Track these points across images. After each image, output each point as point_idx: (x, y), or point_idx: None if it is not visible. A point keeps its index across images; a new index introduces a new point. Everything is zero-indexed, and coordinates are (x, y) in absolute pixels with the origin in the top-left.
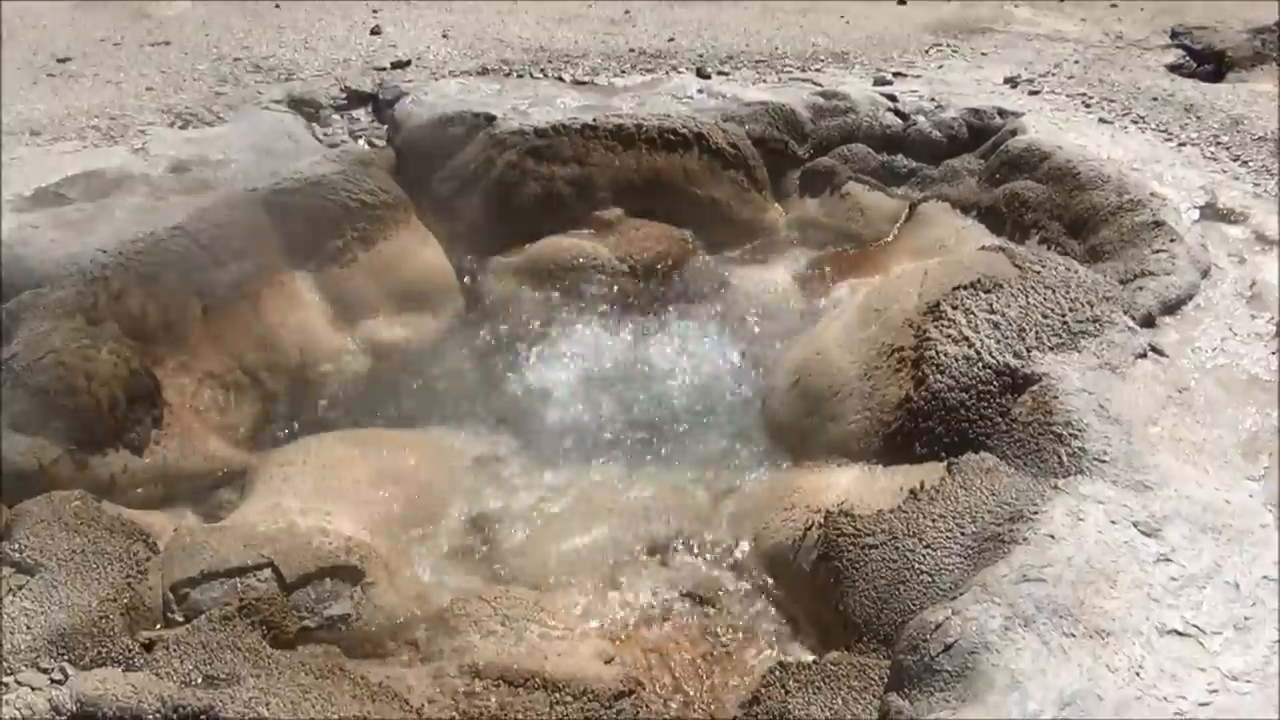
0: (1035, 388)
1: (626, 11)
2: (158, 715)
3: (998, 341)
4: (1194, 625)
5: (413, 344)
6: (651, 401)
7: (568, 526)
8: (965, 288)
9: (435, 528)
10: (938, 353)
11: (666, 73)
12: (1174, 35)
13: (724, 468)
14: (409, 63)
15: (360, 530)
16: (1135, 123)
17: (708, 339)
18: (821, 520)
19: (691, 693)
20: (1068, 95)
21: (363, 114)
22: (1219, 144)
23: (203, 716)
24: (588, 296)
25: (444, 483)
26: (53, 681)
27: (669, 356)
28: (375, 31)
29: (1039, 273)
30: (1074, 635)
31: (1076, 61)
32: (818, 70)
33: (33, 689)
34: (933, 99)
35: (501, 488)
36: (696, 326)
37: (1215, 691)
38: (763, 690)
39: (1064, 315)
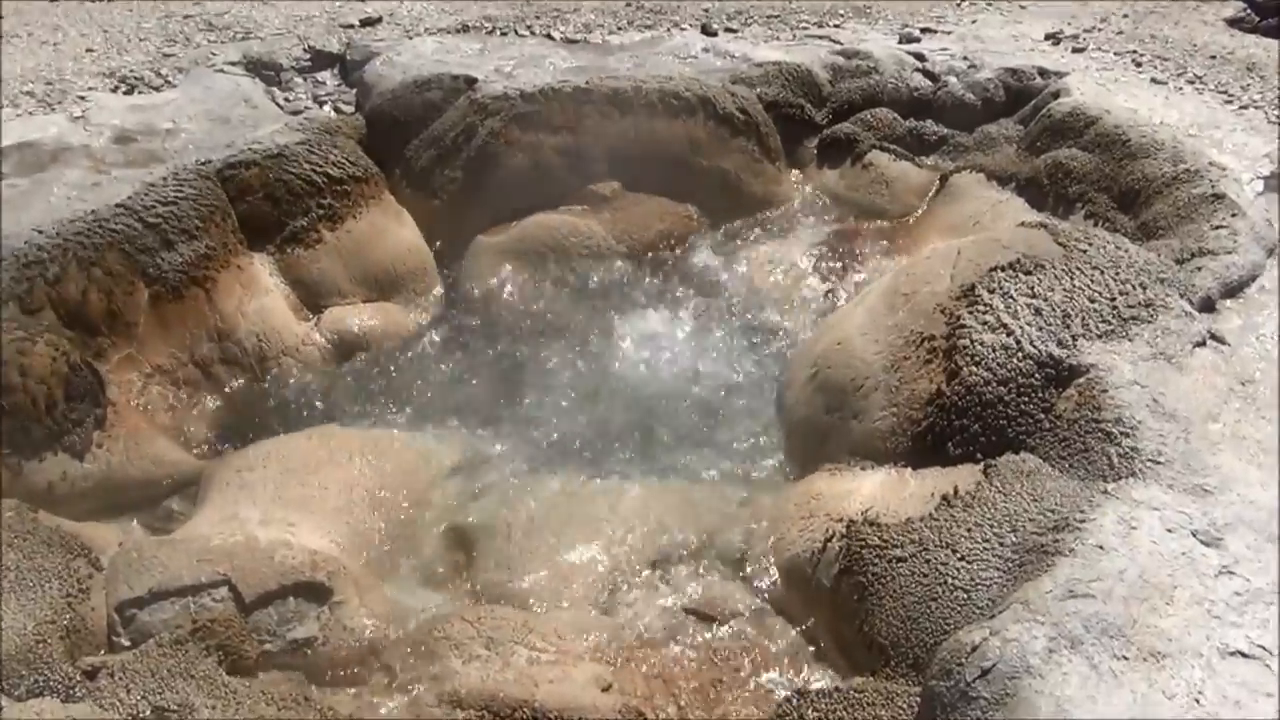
0: (1082, 380)
1: None
2: None
3: (1040, 329)
4: (1259, 646)
5: (386, 334)
6: (653, 399)
7: (560, 539)
8: (1003, 269)
9: (412, 540)
10: (973, 342)
11: (668, 29)
12: None
13: (734, 472)
14: (380, 19)
15: (327, 543)
16: (1191, 83)
17: (715, 326)
18: (844, 530)
19: None
20: (1116, 53)
21: (328, 77)
22: None
23: None
24: (581, 280)
25: (422, 490)
26: None
27: (671, 347)
28: None
29: (1085, 252)
30: (1126, 658)
31: (1126, 15)
32: (837, 26)
33: None
34: (965, 58)
35: (486, 496)
36: (702, 313)
37: None
38: None
39: (1113, 299)
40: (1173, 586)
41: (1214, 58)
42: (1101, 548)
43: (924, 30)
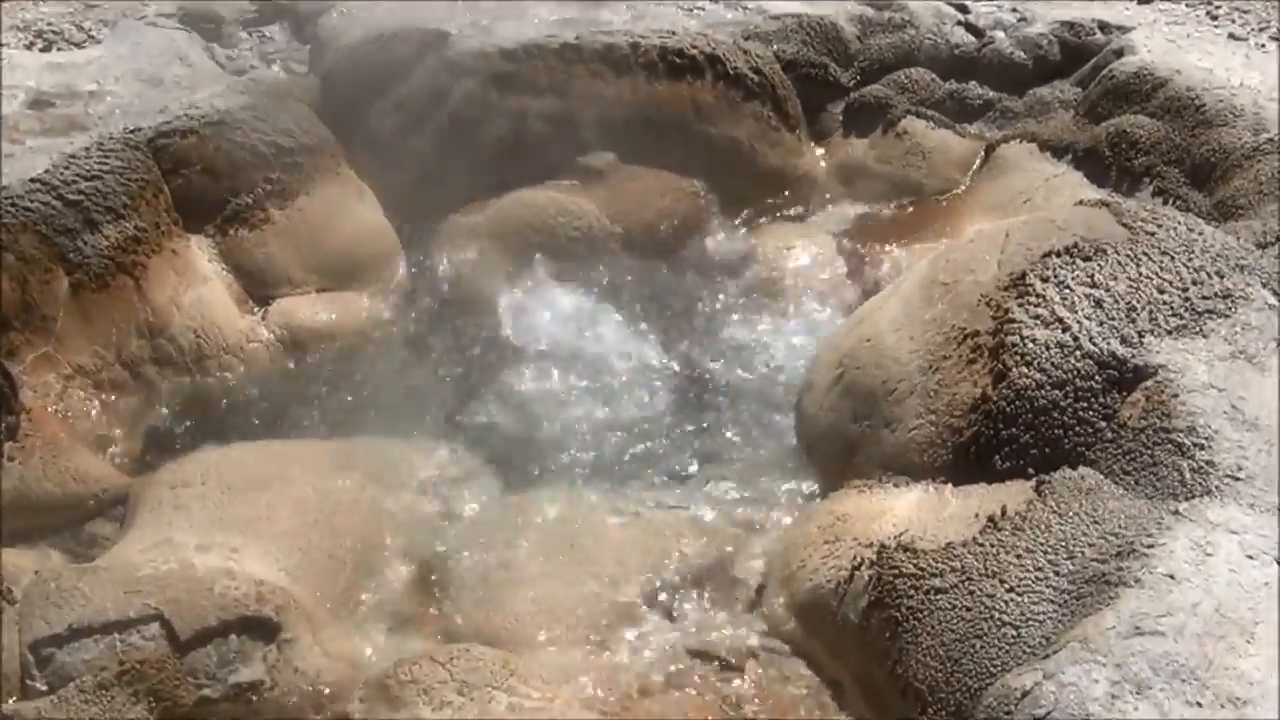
0: (1149, 384)
1: None
2: None
3: (1101, 324)
4: None
5: (344, 329)
6: (653, 405)
7: (546, 567)
8: (1058, 254)
9: (374, 568)
10: (1023, 339)
11: None
12: None
13: (746, 490)
14: None
15: (276, 572)
16: (1276, 39)
17: (724, 321)
18: (874, 557)
19: None
20: (1188, 4)
21: (277, 31)
22: None
23: None
24: (570, 266)
25: (385, 510)
26: None
27: (674, 345)
28: None
29: (1153, 234)
30: (1200, 704)
31: None
32: None
33: None
34: (1014, 10)
35: (461, 517)
36: (710, 304)
37: None
38: None
39: (1185, 290)
40: (1254, 622)
41: None
42: (1172, 577)
43: None
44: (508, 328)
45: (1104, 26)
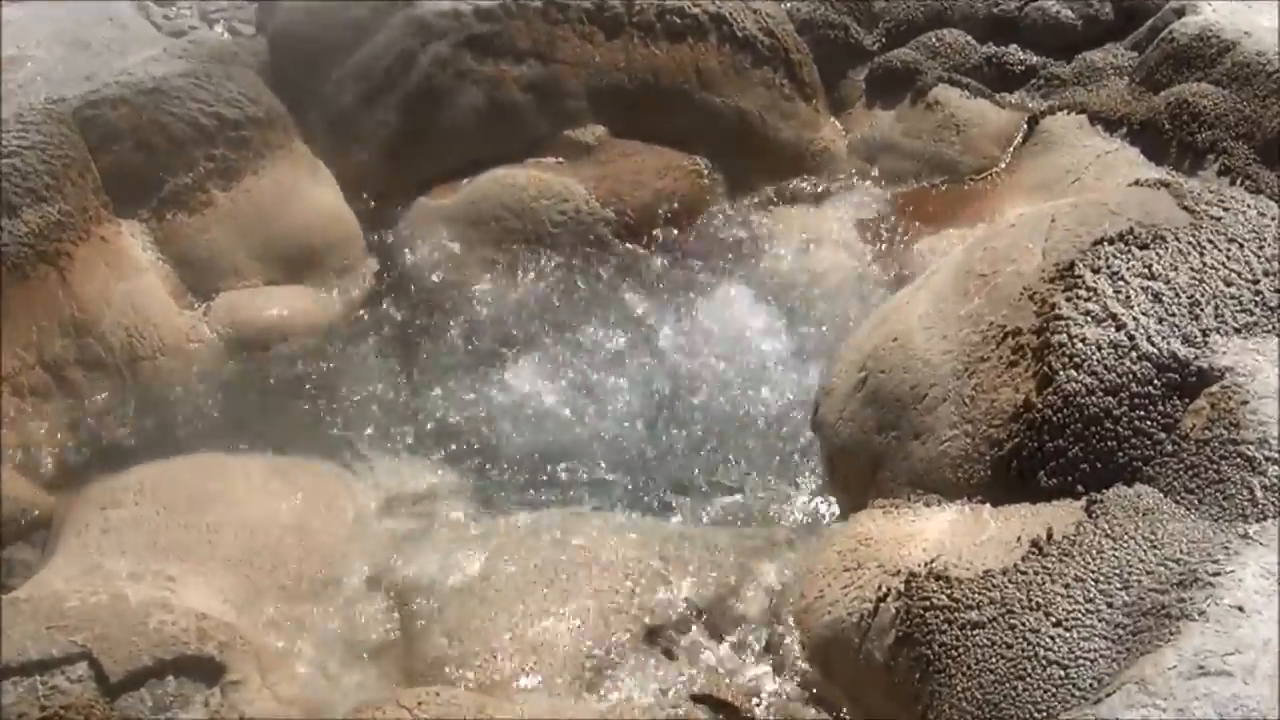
0: (1215, 389)
1: None
2: None
3: (1160, 321)
4: None
5: (297, 327)
6: (649, 413)
7: (528, 597)
8: (1111, 242)
9: (332, 600)
10: (1071, 338)
11: None
12: None
13: (756, 510)
14: None
15: (219, 604)
16: None
17: (730, 317)
18: (901, 587)
19: None
20: None
21: None
22: None
23: None
24: (555, 255)
25: (344, 533)
26: None
27: (674, 345)
28: None
29: (1219, 219)
30: None
31: None
32: None
33: None
34: None
35: (430, 540)
36: (714, 299)
37: None
38: None
39: (1256, 282)
40: None
41: None
42: (1241, 609)
43: None
44: (484, 326)
45: None
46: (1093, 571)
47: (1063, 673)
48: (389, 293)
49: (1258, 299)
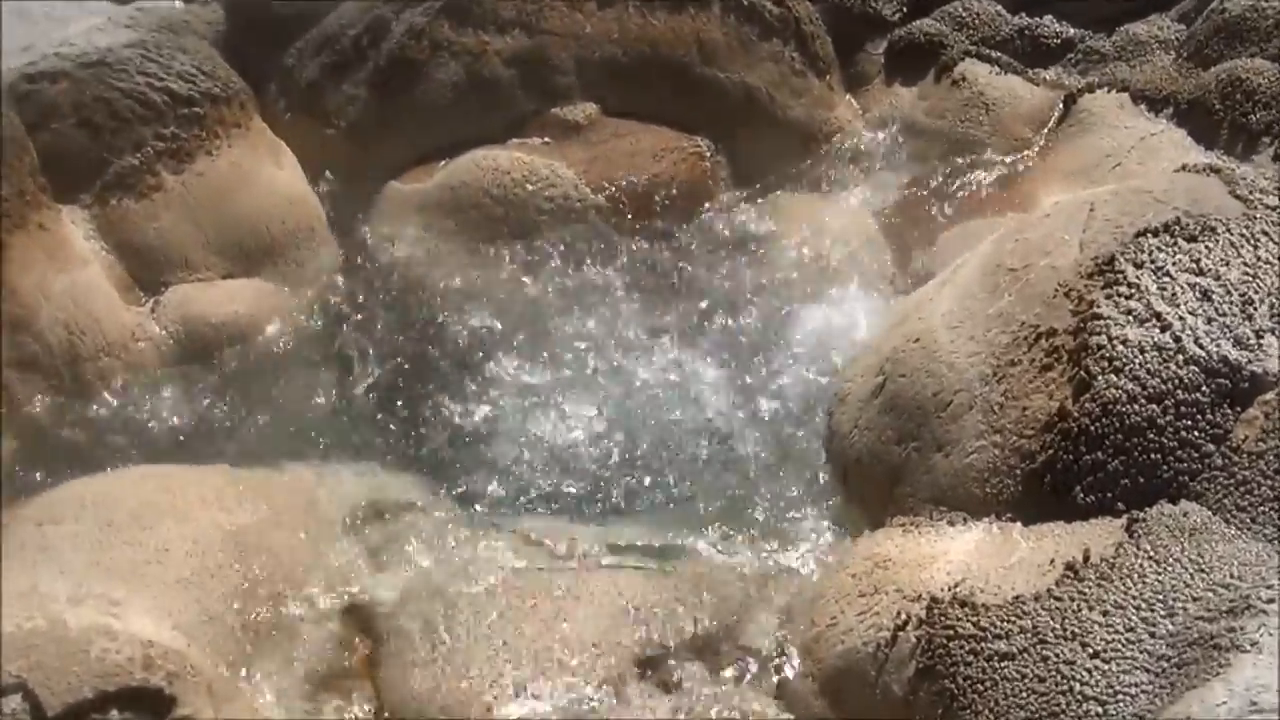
0: (1270, 396)
1: None
2: None
3: (1209, 321)
4: None
5: (256, 324)
6: (644, 423)
7: (508, 625)
8: (1156, 233)
9: (292, 627)
10: (1111, 339)
11: None
12: None
13: (762, 529)
14: None
15: (168, 630)
16: None
17: (736, 317)
18: (922, 613)
19: None
20: None
21: None
22: None
23: None
24: (540, 246)
25: (307, 551)
26: None
27: (672, 349)
28: None
29: (1275, 208)
30: None
31: None
32: None
33: None
34: None
35: (399, 561)
36: (717, 297)
37: None
38: None
39: None
40: None
41: None
42: None
43: None
44: (461, 326)
45: None
46: (1134, 598)
47: (1100, 709)
48: (357, 287)
49: None
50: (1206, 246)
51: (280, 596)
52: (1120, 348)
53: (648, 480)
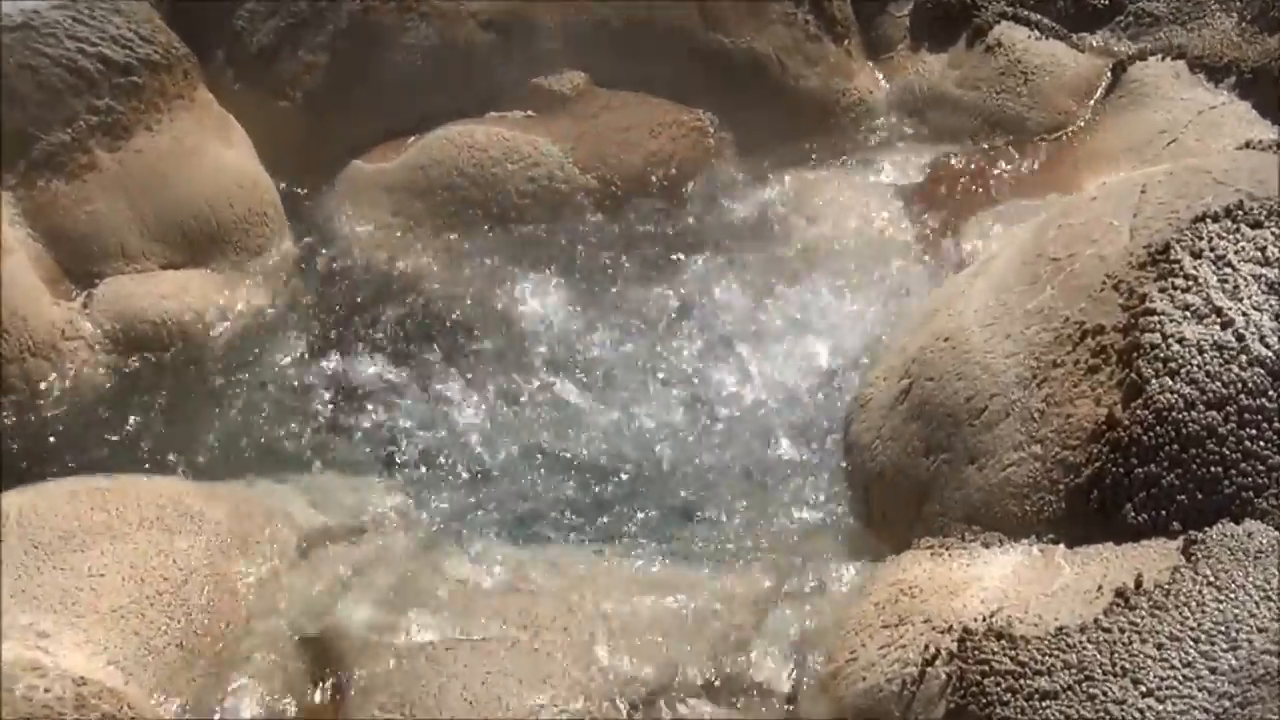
0: None
1: None
2: None
3: (1276, 317)
4: None
5: (201, 321)
6: (638, 430)
7: (493, 660)
8: (1216, 218)
9: (246, 660)
10: (1166, 338)
11: None
12: None
13: (774, 552)
14: None
15: (103, 666)
16: None
17: (742, 315)
18: (954, 647)
19: None
20: None
21: None
22: None
23: None
24: (522, 233)
25: (261, 575)
26: None
27: (673, 349)
28: None
29: None
30: None
31: None
32: None
33: None
34: None
35: (367, 585)
36: (721, 292)
37: None
38: None
39: None
40: None
41: None
42: None
43: None
44: (434, 324)
45: None
46: (1192, 629)
47: None
48: (315, 279)
49: None
50: (1273, 233)
51: (231, 627)
52: (1176, 347)
53: (648, 495)
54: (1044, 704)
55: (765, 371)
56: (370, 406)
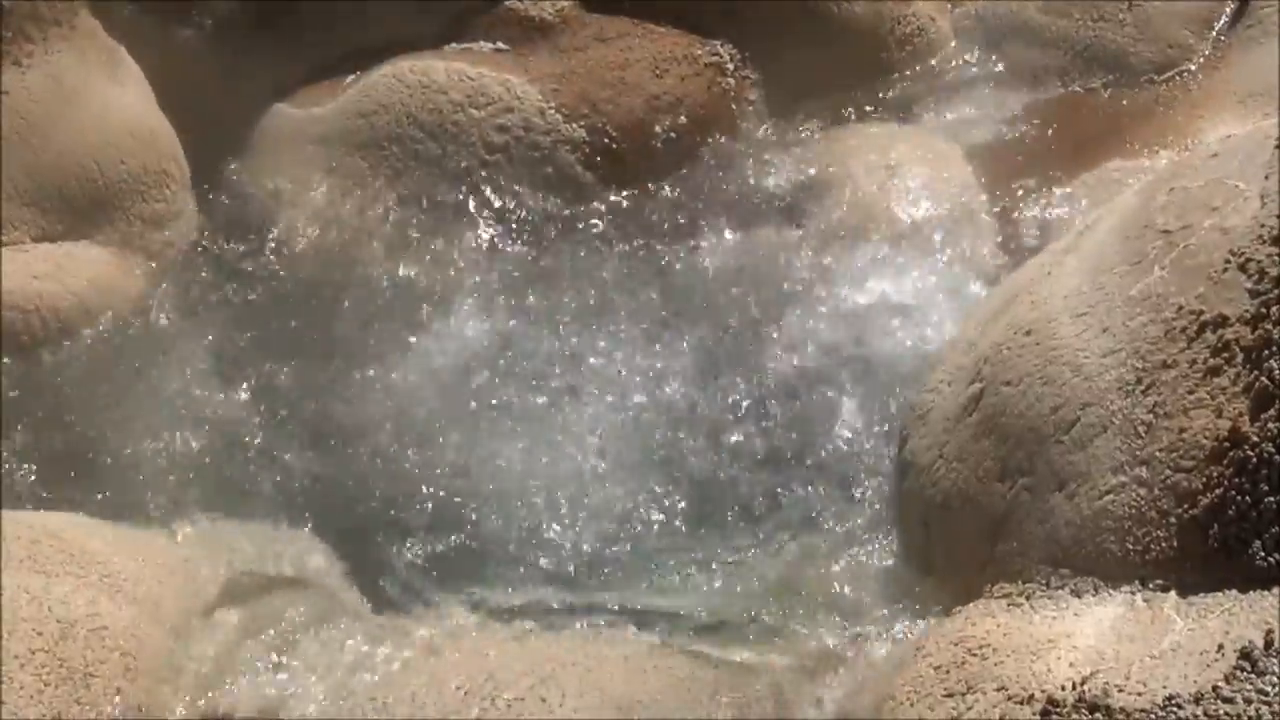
0: None
1: None
2: None
3: None
4: None
5: (85, 309)
6: (633, 451)
7: None
8: None
9: None
10: None
11: None
12: None
13: (814, 601)
14: None
15: None
16: None
17: (772, 297)
18: (1037, 719)
19: None
20: None
21: None
22: None
23: None
24: (489, 199)
25: (165, 638)
26: None
27: (685, 350)
28: None
29: None
30: None
31: None
32: None
33: None
34: None
35: (296, 651)
36: (744, 275)
37: None
38: None
39: None
40: None
41: None
42: None
43: None
44: (377, 307)
45: None
46: None
47: None
48: (229, 256)
49: None
50: None
51: (125, 696)
52: None
53: (639, 533)
54: None
55: (797, 377)
56: (300, 426)
